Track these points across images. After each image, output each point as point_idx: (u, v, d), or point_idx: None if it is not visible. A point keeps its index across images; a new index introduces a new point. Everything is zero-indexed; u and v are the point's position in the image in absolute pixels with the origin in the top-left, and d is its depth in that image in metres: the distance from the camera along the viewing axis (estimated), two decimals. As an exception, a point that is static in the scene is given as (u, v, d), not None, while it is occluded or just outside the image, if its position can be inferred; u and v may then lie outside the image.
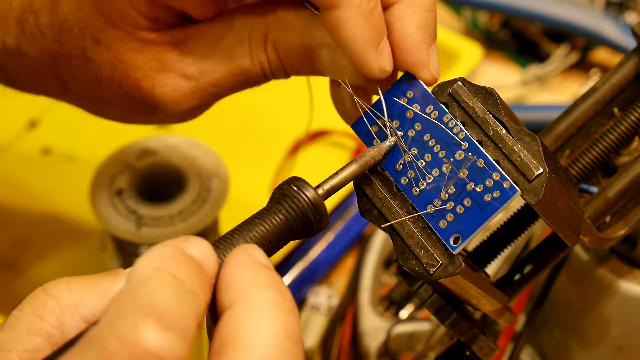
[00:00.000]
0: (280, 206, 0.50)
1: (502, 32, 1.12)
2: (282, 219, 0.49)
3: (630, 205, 0.63)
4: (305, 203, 0.50)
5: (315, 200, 0.50)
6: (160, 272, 0.42)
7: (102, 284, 0.46)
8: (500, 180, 0.51)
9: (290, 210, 0.50)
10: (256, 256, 0.46)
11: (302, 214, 0.50)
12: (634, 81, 0.62)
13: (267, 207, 0.50)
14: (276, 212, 0.50)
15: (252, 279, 0.45)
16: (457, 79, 0.55)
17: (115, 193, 0.81)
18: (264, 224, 0.49)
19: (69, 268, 0.92)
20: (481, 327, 0.60)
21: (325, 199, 0.51)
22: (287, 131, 1.02)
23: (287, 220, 0.50)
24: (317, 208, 0.50)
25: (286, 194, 0.50)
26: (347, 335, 0.87)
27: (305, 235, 0.51)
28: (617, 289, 0.68)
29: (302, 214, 0.50)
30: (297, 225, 0.50)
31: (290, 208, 0.50)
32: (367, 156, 0.54)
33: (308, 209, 0.50)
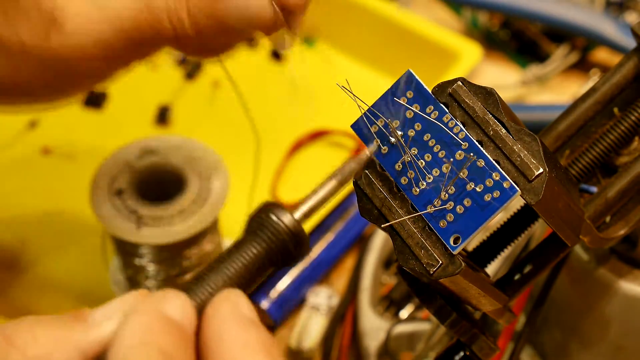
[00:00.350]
0: (257, 237, 0.48)
1: (502, 32, 1.12)
2: (259, 251, 0.47)
3: (630, 205, 0.63)
4: (284, 233, 0.48)
5: (294, 228, 0.48)
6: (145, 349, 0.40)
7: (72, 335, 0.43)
8: (500, 180, 0.51)
9: (269, 241, 0.47)
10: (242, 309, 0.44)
11: (281, 244, 0.48)
12: (634, 81, 0.62)
13: (243, 238, 0.48)
14: (254, 243, 0.47)
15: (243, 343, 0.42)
16: (457, 79, 0.55)
17: (115, 193, 0.81)
18: (240, 258, 0.47)
19: (69, 268, 0.92)
20: (481, 327, 0.60)
21: (304, 221, 0.49)
22: (287, 131, 1.02)
23: (266, 252, 0.47)
24: (296, 237, 0.48)
25: (263, 223, 0.48)
26: (347, 335, 0.87)
27: (285, 264, 0.49)
28: (617, 289, 0.68)
29: (282, 244, 0.48)
30: (277, 257, 0.48)
31: (268, 239, 0.47)
32: (346, 171, 0.52)
33: (287, 239, 0.48)
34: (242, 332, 0.43)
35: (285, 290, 0.89)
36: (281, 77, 1.07)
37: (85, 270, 0.91)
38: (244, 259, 0.47)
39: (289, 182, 0.99)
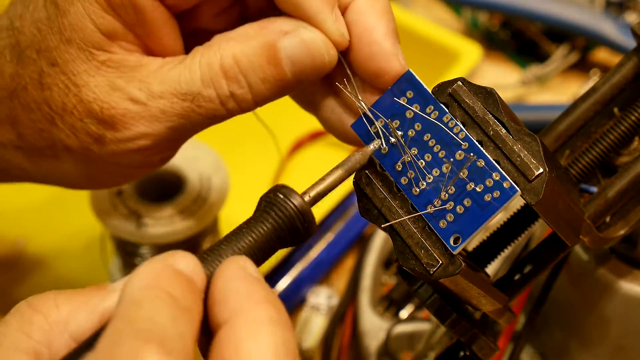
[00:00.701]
0: (267, 215, 0.49)
1: (502, 32, 1.12)
2: (269, 228, 0.49)
3: (630, 205, 0.63)
4: (292, 211, 0.49)
5: (302, 207, 0.50)
6: (154, 291, 0.42)
7: (91, 300, 0.45)
8: (500, 180, 0.51)
9: (278, 219, 0.49)
10: (248, 269, 0.45)
11: (289, 222, 0.49)
12: (634, 81, 0.62)
13: (253, 216, 0.50)
14: (263, 221, 0.49)
15: (247, 294, 0.44)
16: (457, 79, 0.55)
17: (115, 193, 0.81)
18: (251, 233, 0.49)
19: (69, 268, 0.92)
20: (481, 327, 0.60)
21: (312, 205, 0.51)
22: (287, 131, 1.02)
23: (275, 229, 0.49)
24: (304, 216, 0.50)
25: (272, 202, 0.50)
26: (347, 335, 0.87)
27: (293, 243, 0.50)
28: (617, 289, 0.68)
29: (290, 222, 0.49)
30: (285, 234, 0.49)
31: (277, 217, 0.49)
32: (352, 161, 0.54)
33: (295, 217, 0.49)
34: (248, 285, 0.44)
35: (285, 290, 0.89)
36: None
37: (85, 270, 0.91)
38: (254, 235, 0.48)
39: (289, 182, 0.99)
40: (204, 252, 0.48)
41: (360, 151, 0.54)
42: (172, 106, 0.58)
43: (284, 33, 0.57)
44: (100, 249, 0.90)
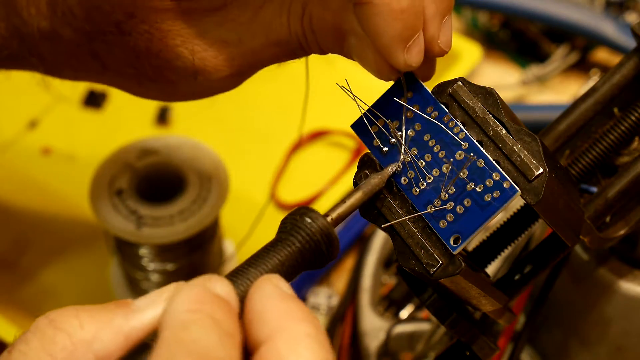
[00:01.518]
0: (293, 238, 0.49)
1: (502, 32, 1.12)
2: (294, 251, 0.49)
3: (630, 205, 0.63)
4: (318, 234, 0.49)
5: (327, 230, 0.50)
6: (199, 315, 0.42)
7: (115, 319, 0.45)
8: (500, 180, 0.51)
9: (304, 242, 0.49)
10: (282, 287, 0.45)
11: (315, 245, 0.49)
12: (634, 81, 0.62)
13: (278, 237, 0.50)
14: (289, 244, 0.49)
15: (286, 312, 0.44)
16: (457, 79, 0.55)
17: (115, 193, 0.81)
18: (277, 256, 0.49)
19: (69, 268, 0.92)
20: (481, 327, 0.60)
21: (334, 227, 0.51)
22: (287, 131, 1.02)
23: (300, 251, 0.49)
24: (329, 238, 0.50)
25: (298, 225, 0.49)
26: (347, 335, 0.87)
27: (317, 265, 0.50)
28: (617, 289, 0.68)
29: (315, 245, 0.49)
30: (310, 256, 0.50)
31: (303, 239, 0.49)
32: (372, 184, 0.54)
33: (321, 240, 0.49)
34: (285, 303, 0.44)
35: (285, 290, 0.89)
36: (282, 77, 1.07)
37: (85, 270, 0.91)
38: (279, 257, 0.48)
39: (289, 182, 0.99)
40: (230, 274, 0.48)
41: (379, 174, 0.54)
42: (263, 48, 0.59)
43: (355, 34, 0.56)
44: (100, 249, 0.90)
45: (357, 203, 0.53)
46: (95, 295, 0.90)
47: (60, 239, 0.94)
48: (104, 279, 0.90)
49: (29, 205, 0.96)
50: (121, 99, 1.05)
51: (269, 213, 0.96)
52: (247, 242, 0.92)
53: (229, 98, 1.05)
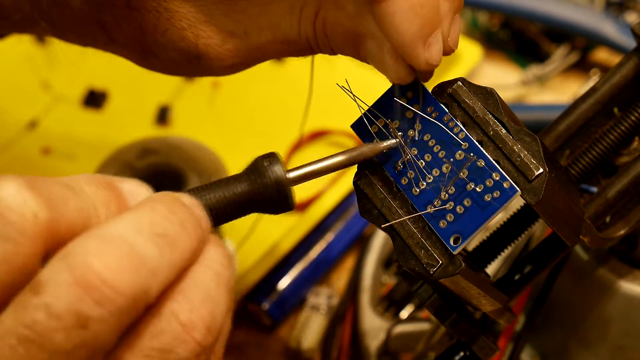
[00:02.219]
0: (246, 176, 0.51)
1: (502, 32, 1.12)
2: (244, 189, 0.50)
3: (630, 205, 0.63)
4: (269, 180, 0.50)
5: (279, 179, 0.50)
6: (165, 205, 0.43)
7: None
8: (500, 180, 0.51)
9: (254, 183, 0.50)
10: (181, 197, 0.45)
11: (264, 189, 0.50)
12: (634, 81, 0.62)
13: (236, 175, 0.51)
14: (241, 180, 0.51)
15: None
16: (457, 79, 0.55)
17: (115, 193, 0.81)
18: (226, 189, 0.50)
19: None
20: (481, 327, 0.60)
21: (296, 182, 0.51)
22: (287, 131, 1.02)
23: (250, 192, 0.50)
24: (279, 188, 0.50)
25: (256, 166, 0.51)
26: (347, 335, 0.87)
27: (268, 211, 0.51)
28: (617, 289, 0.68)
29: (264, 190, 0.50)
30: (259, 200, 0.51)
31: (254, 181, 0.51)
32: (358, 151, 0.53)
33: (271, 187, 0.50)
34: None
35: (285, 290, 0.89)
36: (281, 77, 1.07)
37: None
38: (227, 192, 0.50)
39: (289, 182, 0.99)
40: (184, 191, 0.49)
41: (371, 145, 0.53)
42: (268, 44, 0.59)
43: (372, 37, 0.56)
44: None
45: (334, 166, 0.53)
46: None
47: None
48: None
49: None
50: (121, 99, 1.05)
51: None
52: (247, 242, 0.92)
53: (229, 98, 1.05)
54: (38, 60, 1.06)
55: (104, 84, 1.05)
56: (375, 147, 0.54)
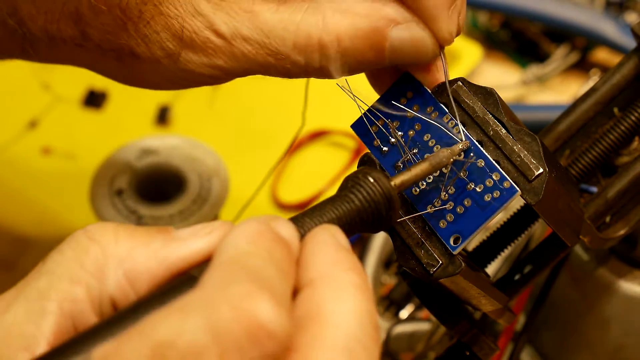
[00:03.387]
0: (353, 195, 0.48)
1: (502, 32, 1.12)
2: (353, 208, 0.48)
3: (630, 205, 0.63)
4: (379, 195, 0.48)
5: (389, 193, 0.48)
6: (259, 249, 0.41)
7: (152, 242, 0.44)
8: (500, 180, 0.51)
9: (364, 201, 0.48)
10: (338, 237, 0.45)
11: (375, 206, 0.48)
12: (634, 81, 0.62)
13: (338, 194, 0.48)
14: (348, 200, 0.48)
15: (335, 260, 0.43)
16: (457, 79, 0.55)
17: (115, 193, 0.81)
18: (335, 210, 0.47)
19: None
20: (481, 327, 0.60)
21: (397, 191, 0.49)
22: (287, 131, 1.02)
23: (359, 211, 0.48)
24: (390, 202, 0.48)
25: (360, 183, 0.48)
26: (347, 335, 0.87)
27: (373, 229, 0.49)
28: (617, 289, 0.68)
29: (376, 207, 0.48)
30: (368, 218, 0.48)
31: (363, 199, 0.48)
32: (439, 156, 0.52)
33: (382, 202, 0.48)
34: (335, 253, 0.44)
35: (285, 290, 0.89)
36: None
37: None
38: (337, 212, 0.47)
39: (289, 182, 0.99)
40: (292, 219, 0.47)
41: (449, 149, 0.52)
42: (255, 54, 0.56)
43: (395, 23, 0.54)
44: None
45: (422, 174, 0.51)
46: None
47: (60, 239, 0.93)
48: (104, 279, 0.90)
49: (29, 205, 0.96)
50: (121, 99, 1.05)
51: (269, 213, 0.96)
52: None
53: (229, 98, 1.05)
54: (38, 60, 1.06)
55: (104, 84, 1.05)
56: (453, 150, 0.52)
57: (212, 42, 0.56)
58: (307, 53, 0.55)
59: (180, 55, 0.57)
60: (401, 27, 0.54)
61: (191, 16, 0.56)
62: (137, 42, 0.57)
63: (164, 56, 0.57)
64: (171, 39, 0.57)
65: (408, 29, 0.54)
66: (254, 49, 0.56)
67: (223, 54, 0.57)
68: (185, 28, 0.56)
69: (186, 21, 0.56)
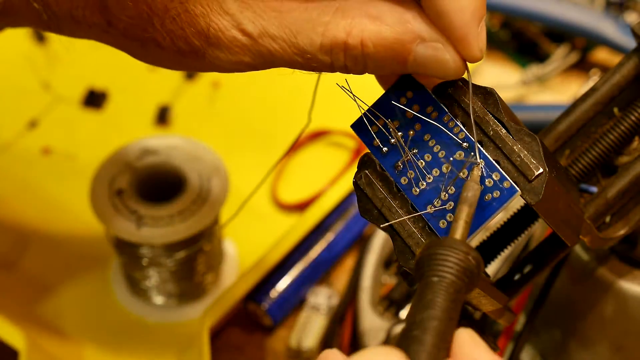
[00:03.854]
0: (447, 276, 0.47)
1: (502, 32, 1.12)
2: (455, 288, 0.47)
3: (630, 205, 0.63)
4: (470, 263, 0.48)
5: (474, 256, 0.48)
6: None
7: None
8: (500, 180, 0.51)
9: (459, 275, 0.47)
10: None
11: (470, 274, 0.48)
12: (634, 81, 0.63)
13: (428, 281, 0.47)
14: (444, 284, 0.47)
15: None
16: (457, 79, 0.55)
17: (115, 193, 0.81)
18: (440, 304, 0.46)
19: (68, 268, 0.91)
20: (481, 327, 0.60)
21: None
22: (288, 131, 1.02)
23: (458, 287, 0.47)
24: (478, 261, 0.48)
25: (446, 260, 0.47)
26: (347, 335, 0.87)
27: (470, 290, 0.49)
28: (617, 289, 0.68)
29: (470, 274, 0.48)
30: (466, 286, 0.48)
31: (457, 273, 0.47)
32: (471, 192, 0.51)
33: (474, 267, 0.48)
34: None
35: (285, 290, 0.89)
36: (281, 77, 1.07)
37: (85, 270, 0.91)
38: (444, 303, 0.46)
39: (289, 182, 0.99)
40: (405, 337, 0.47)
41: (473, 181, 0.52)
42: (282, 52, 0.56)
43: (422, 40, 0.54)
44: (101, 249, 0.90)
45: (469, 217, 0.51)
46: (95, 295, 0.90)
47: (60, 239, 0.94)
48: (104, 279, 0.90)
49: (29, 205, 0.96)
50: (121, 99, 1.05)
51: (269, 213, 0.96)
52: (247, 242, 0.92)
53: (229, 98, 1.05)
54: (38, 60, 1.06)
55: (104, 84, 1.05)
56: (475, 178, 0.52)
57: (239, 40, 0.56)
58: (333, 54, 0.56)
59: (206, 51, 0.57)
60: (427, 45, 0.54)
61: (218, 15, 0.56)
62: (163, 36, 0.57)
63: (189, 51, 0.58)
64: (197, 36, 0.57)
65: (434, 49, 0.55)
66: (281, 47, 0.56)
67: (249, 51, 0.57)
68: (211, 27, 0.56)
69: (212, 20, 0.56)
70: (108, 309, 0.89)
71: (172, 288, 0.86)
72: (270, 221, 0.96)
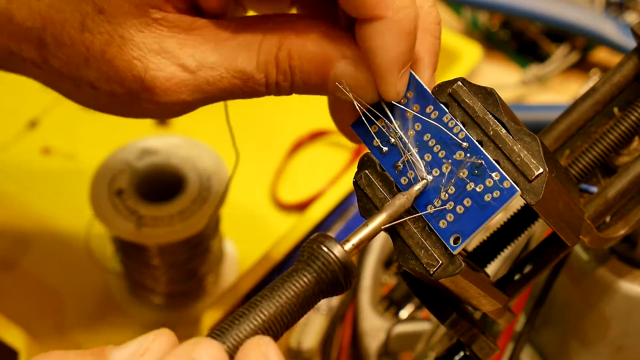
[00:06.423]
0: (310, 267, 0.50)
1: (502, 32, 1.12)
2: (311, 281, 0.50)
3: (630, 205, 0.63)
4: (334, 264, 0.50)
5: (344, 259, 0.50)
6: None
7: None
8: (500, 180, 0.51)
9: (320, 272, 0.50)
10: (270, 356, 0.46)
11: (331, 275, 0.50)
12: (634, 81, 0.62)
13: (295, 267, 0.50)
14: (305, 274, 0.50)
15: None
16: (457, 79, 0.55)
17: (115, 193, 0.81)
18: (292, 287, 0.49)
19: (68, 268, 0.92)
20: (481, 327, 0.60)
21: (353, 254, 0.51)
22: (287, 131, 1.02)
23: (317, 280, 0.50)
24: (346, 268, 0.50)
25: (315, 254, 0.50)
26: (347, 335, 0.87)
27: (334, 293, 0.51)
28: (617, 289, 0.68)
29: (332, 275, 0.50)
30: (326, 287, 0.50)
31: (319, 269, 0.50)
32: (397, 205, 0.53)
33: (338, 270, 0.50)
34: None
35: (285, 290, 0.89)
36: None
37: (85, 270, 0.91)
38: (295, 288, 0.49)
39: (289, 182, 0.99)
40: (228, 321, 0.49)
41: (405, 194, 0.53)
42: (220, 80, 0.58)
43: (344, 57, 0.56)
44: (101, 249, 0.90)
45: (379, 227, 0.52)
46: (95, 295, 0.90)
47: (60, 239, 0.94)
48: (104, 279, 0.90)
49: (29, 205, 0.96)
50: (121, 99, 1.05)
51: (269, 213, 0.96)
52: (247, 242, 0.92)
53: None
54: (38, 60, 1.06)
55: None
56: (410, 194, 0.53)
57: (177, 77, 0.57)
58: (267, 70, 0.57)
59: (140, 94, 0.58)
60: (349, 62, 0.56)
61: (157, 55, 0.57)
62: (98, 78, 0.58)
63: (123, 94, 0.58)
64: (132, 79, 0.57)
65: (354, 67, 0.56)
66: (220, 74, 0.57)
67: (187, 87, 0.58)
68: (149, 67, 0.57)
69: (151, 60, 0.57)
70: (108, 309, 0.89)
71: (172, 288, 0.86)
72: (270, 221, 0.96)
